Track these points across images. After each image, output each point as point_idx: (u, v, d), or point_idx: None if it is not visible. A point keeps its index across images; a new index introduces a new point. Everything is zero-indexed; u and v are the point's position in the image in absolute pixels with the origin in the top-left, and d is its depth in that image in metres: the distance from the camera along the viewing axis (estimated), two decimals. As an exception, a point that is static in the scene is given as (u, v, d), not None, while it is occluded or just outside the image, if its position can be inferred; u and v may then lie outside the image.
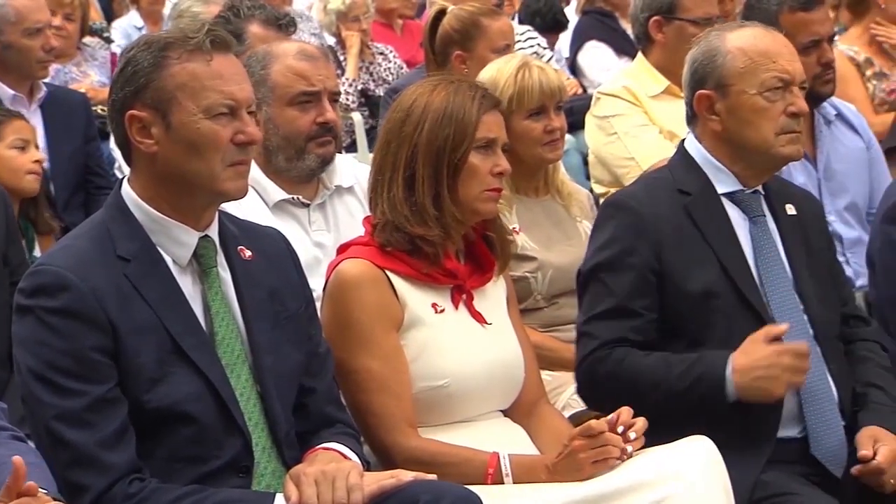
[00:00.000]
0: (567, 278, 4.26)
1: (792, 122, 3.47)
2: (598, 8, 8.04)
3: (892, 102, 6.28)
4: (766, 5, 4.61)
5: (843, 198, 4.71)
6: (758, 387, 3.32)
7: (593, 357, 3.44)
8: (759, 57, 3.47)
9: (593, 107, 5.23)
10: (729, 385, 3.33)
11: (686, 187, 3.51)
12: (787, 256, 3.53)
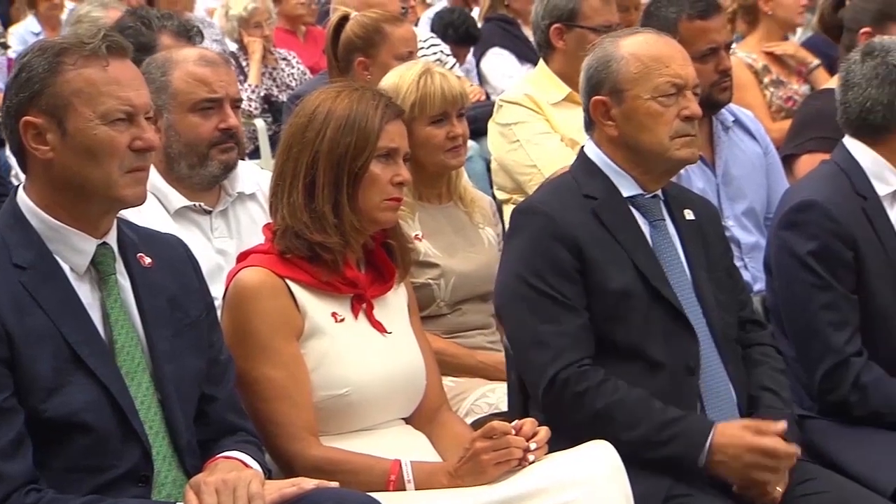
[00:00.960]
0: (470, 285, 4.29)
1: (686, 125, 3.51)
2: (500, 15, 8.08)
3: (789, 110, 6.39)
4: (664, 13, 4.66)
5: (741, 203, 4.76)
6: (728, 473, 3.36)
7: (562, 375, 3.40)
8: (652, 62, 3.50)
9: (495, 114, 5.25)
10: (703, 455, 3.36)
11: (592, 192, 3.54)
12: (687, 261, 3.56)
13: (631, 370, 3.43)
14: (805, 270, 3.75)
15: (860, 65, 3.89)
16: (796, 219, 3.80)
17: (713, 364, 3.50)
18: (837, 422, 3.75)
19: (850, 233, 3.75)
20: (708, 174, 4.71)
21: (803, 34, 9.20)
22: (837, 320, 3.73)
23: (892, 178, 3.86)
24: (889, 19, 4.85)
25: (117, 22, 5.01)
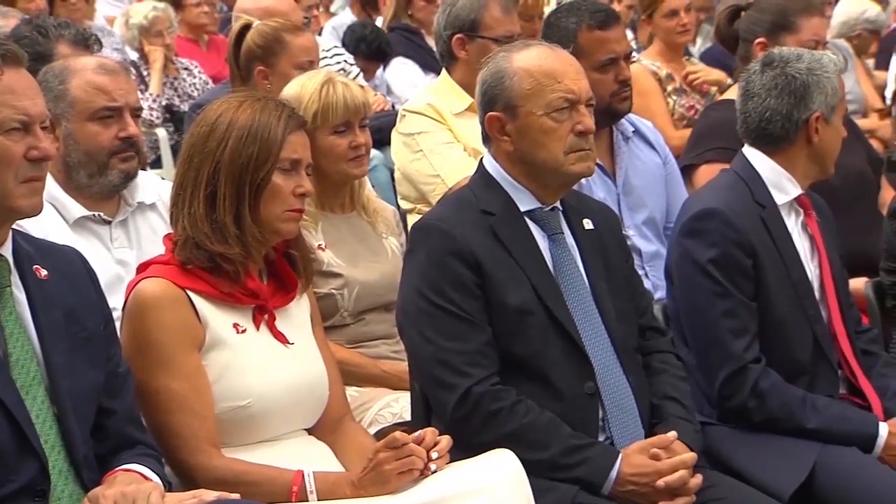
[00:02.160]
0: (374, 294, 4.28)
1: (580, 140, 3.52)
2: (404, 25, 8.08)
3: (691, 118, 6.46)
4: (564, 24, 4.67)
5: (641, 212, 4.80)
6: (636, 498, 3.41)
7: (474, 392, 3.41)
8: (545, 78, 3.51)
9: (399, 124, 5.26)
10: (608, 483, 3.40)
11: (489, 207, 3.54)
12: (586, 272, 3.59)
13: (532, 389, 3.45)
14: (705, 278, 3.79)
15: (760, 75, 3.94)
16: (697, 227, 3.84)
17: (615, 376, 3.53)
18: (736, 428, 3.79)
19: (749, 241, 3.80)
20: (608, 184, 4.75)
21: (703, 44, 9.35)
22: (737, 327, 3.77)
23: (790, 187, 3.92)
24: (783, 30, 4.92)
25: (13, 31, 4.94)
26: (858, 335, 4.02)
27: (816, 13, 5.01)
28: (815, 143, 3.90)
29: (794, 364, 3.82)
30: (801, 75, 3.89)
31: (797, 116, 3.89)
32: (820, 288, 3.92)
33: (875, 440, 3.75)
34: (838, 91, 3.91)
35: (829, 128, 3.91)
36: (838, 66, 3.95)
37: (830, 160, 3.96)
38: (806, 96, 3.88)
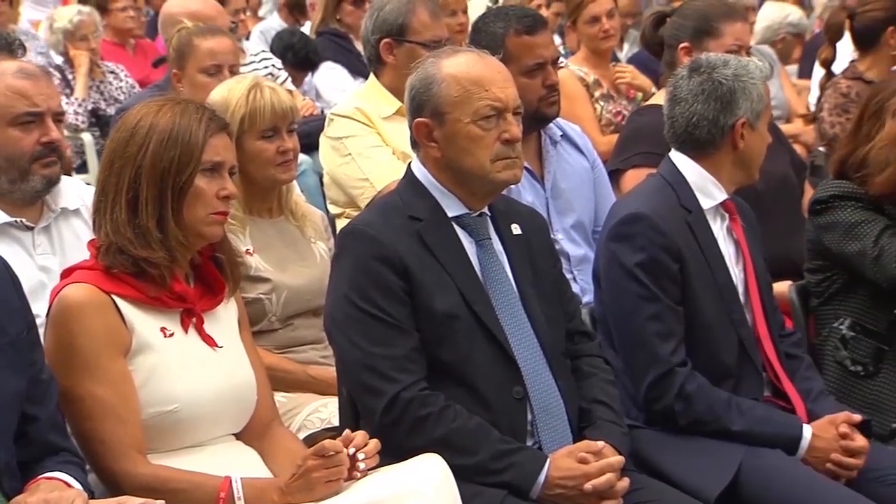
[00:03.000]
0: (302, 300, 4.27)
1: (507, 148, 3.52)
2: (332, 29, 8.06)
3: (618, 124, 6.49)
4: (492, 29, 4.68)
5: (569, 216, 4.81)
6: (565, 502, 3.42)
7: (403, 397, 3.41)
8: (472, 85, 3.50)
9: (327, 128, 5.24)
10: (536, 487, 3.40)
11: (416, 213, 3.54)
12: (514, 277, 3.59)
13: (460, 394, 3.46)
14: (632, 282, 3.81)
15: (687, 80, 3.97)
16: (624, 231, 3.86)
17: (543, 380, 3.54)
18: (663, 431, 3.81)
19: (675, 245, 3.82)
20: (537, 188, 4.76)
21: (630, 50, 9.41)
22: (663, 331, 3.79)
23: (716, 192, 3.95)
24: (706, 35, 4.96)
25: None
26: (782, 339, 4.06)
27: (739, 18, 5.06)
28: (740, 148, 3.93)
29: (719, 367, 3.85)
30: (728, 81, 3.92)
31: (723, 122, 3.92)
32: (745, 292, 3.95)
33: (799, 442, 3.78)
34: (764, 97, 3.94)
35: (754, 134, 3.94)
36: (764, 72, 3.98)
37: (756, 165, 3.99)
38: (732, 102, 3.91)
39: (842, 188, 4.15)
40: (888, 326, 4.11)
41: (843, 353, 4.14)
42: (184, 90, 5.16)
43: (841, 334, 4.14)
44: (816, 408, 3.91)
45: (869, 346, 4.13)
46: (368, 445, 3.21)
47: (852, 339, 4.13)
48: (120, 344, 3.27)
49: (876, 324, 4.12)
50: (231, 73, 5.18)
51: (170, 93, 5.22)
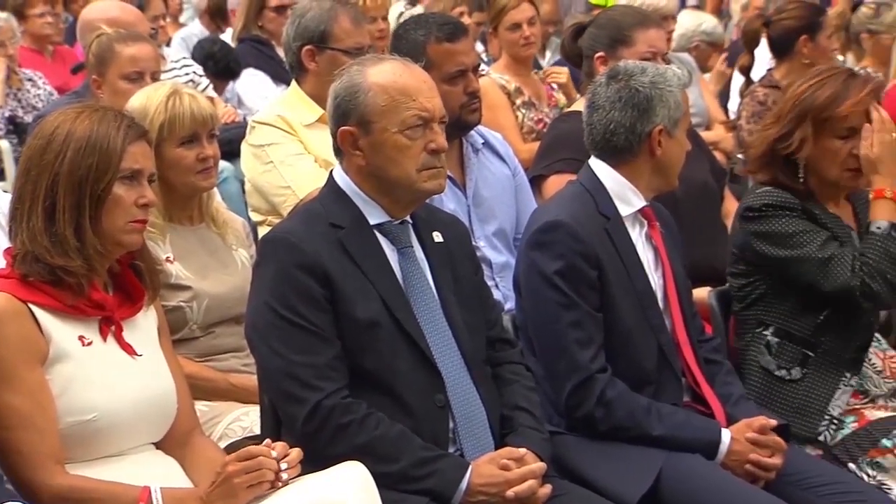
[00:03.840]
0: (224, 307, 4.25)
1: (433, 158, 3.53)
2: (254, 36, 8.02)
3: (540, 131, 6.52)
4: (413, 36, 4.69)
5: (491, 224, 4.83)
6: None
7: (324, 405, 3.40)
8: (399, 95, 3.51)
9: (248, 135, 5.22)
10: (458, 494, 3.41)
11: (338, 220, 3.54)
12: (436, 284, 3.60)
13: (382, 402, 3.46)
14: (552, 289, 3.82)
15: (605, 88, 3.99)
16: (543, 239, 3.87)
17: (465, 389, 3.55)
18: (584, 437, 3.83)
19: (594, 252, 3.84)
20: (459, 195, 4.77)
21: (552, 57, 9.46)
22: (583, 338, 3.81)
23: (634, 199, 3.97)
24: (620, 44, 5.01)
25: None
26: (702, 344, 4.09)
27: (652, 25, 5.11)
28: (657, 155, 3.96)
29: (639, 373, 3.87)
30: (645, 89, 3.94)
31: (640, 129, 3.94)
32: (664, 298, 3.97)
33: (718, 446, 3.82)
34: (681, 105, 3.96)
35: (672, 141, 3.96)
36: (682, 80, 4.01)
37: (674, 173, 4.01)
38: (649, 110, 3.94)
39: (774, 197, 4.15)
40: (813, 332, 4.15)
41: (767, 357, 4.17)
42: (104, 97, 5.12)
43: (766, 340, 4.18)
44: (736, 412, 3.94)
45: (794, 351, 4.16)
46: (291, 454, 3.20)
47: (777, 345, 4.17)
48: (37, 353, 3.23)
49: (801, 329, 4.16)
50: (152, 79, 5.14)
51: (89, 99, 5.18)
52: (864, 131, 4.12)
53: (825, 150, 4.14)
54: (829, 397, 4.10)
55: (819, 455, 4.06)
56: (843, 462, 4.01)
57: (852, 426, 4.06)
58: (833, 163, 4.14)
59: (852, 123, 4.11)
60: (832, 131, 4.12)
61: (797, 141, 4.14)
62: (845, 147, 4.12)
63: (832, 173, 4.15)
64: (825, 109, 4.11)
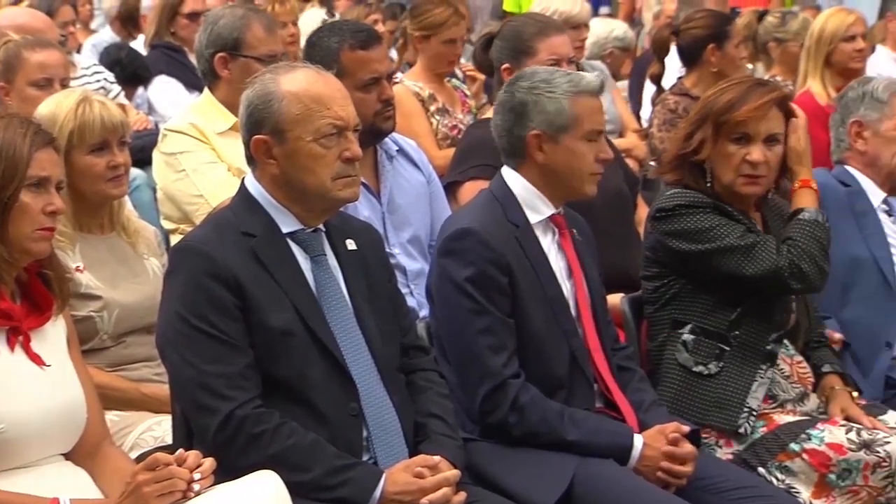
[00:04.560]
0: (135, 317, 4.21)
1: (347, 167, 3.53)
2: (166, 43, 7.97)
3: (454, 138, 6.54)
4: (326, 43, 4.67)
5: (406, 231, 4.83)
6: None
7: (237, 415, 3.38)
8: (314, 103, 3.50)
9: (160, 143, 5.18)
10: (372, 502, 3.40)
11: (250, 229, 3.52)
12: (349, 292, 3.59)
13: (295, 411, 3.45)
14: (463, 296, 3.84)
15: (502, 94, 4.05)
16: (453, 246, 3.89)
17: (379, 397, 3.54)
18: (498, 443, 3.84)
19: (504, 259, 3.85)
20: (373, 203, 4.77)
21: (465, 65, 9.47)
22: (495, 344, 3.82)
23: (542, 207, 3.99)
24: (522, 54, 5.05)
25: None
26: (616, 352, 4.12)
27: (552, 33, 5.15)
28: (541, 161, 3.96)
29: (551, 379, 3.89)
30: (521, 94, 3.97)
31: (516, 133, 3.97)
32: (576, 305, 3.99)
33: (630, 452, 3.85)
34: (570, 111, 3.93)
35: (557, 147, 3.95)
36: (579, 87, 3.96)
37: (573, 180, 3.98)
38: (524, 114, 3.96)
39: (687, 197, 4.19)
40: (728, 327, 4.19)
41: (685, 355, 4.20)
42: (12, 104, 5.05)
43: (682, 339, 4.21)
44: (648, 418, 3.97)
45: (710, 346, 4.20)
46: (203, 465, 3.17)
47: (693, 342, 4.20)
48: (-57, 364, 3.19)
49: (716, 325, 4.19)
50: (62, 86, 5.09)
51: (-4, 107, 5.11)
52: (791, 125, 4.20)
53: (721, 154, 4.19)
54: (746, 390, 4.14)
55: (730, 458, 4.10)
56: (753, 466, 4.05)
57: (762, 430, 4.11)
58: (728, 167, 4.19)
59: (747, 130, 4.17)
60: (728, 135, 4.18)
61: (697, 142, 4.20)
62: (739, 152, 4.18)
63: (727, 177, 4.20)
64: (724, 113, 4.17)
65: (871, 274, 4.73)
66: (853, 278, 4.73)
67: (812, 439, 4.03)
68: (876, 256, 4.74)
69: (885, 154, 4.91)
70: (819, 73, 6.82)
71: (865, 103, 4.96)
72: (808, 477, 4.02)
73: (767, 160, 4.18)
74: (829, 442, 4.02)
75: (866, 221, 4.82)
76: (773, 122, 4.19)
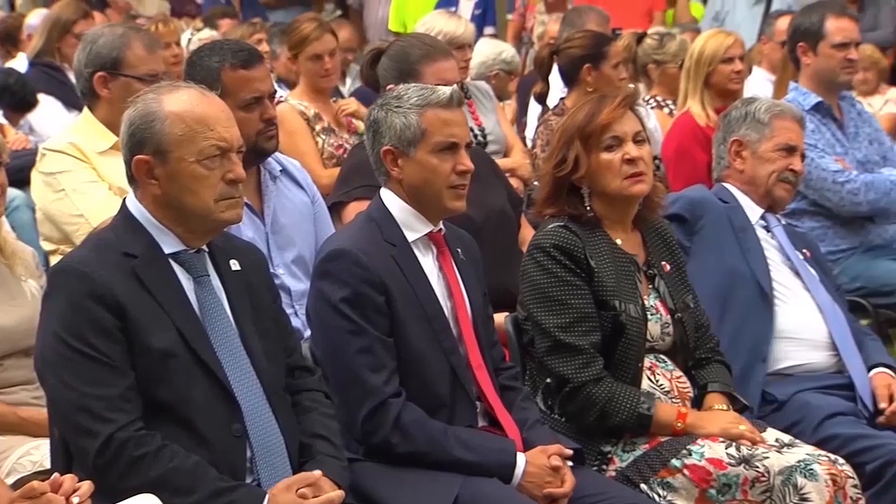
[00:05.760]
0: (12, 339, 4.16)
1: (230, 188, 3.51)
2: (45, 61, 7.88)
3: (340, 157, 6.53)
4: (207, 63, 4.64)
5: (290, 251, 4.81)
6: None
7: (117, 437, 3.34)
8: (197, 124, 3.48)
9: (39, 163, 5.12)
10: None
11: (131, 250, 3.49)
12: (233, 313, 3.58)
13: (178, 434, 3.42)
14: (339, 317, 3.83)
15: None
16: (328, 268, 3.89)
17: (264, 418, 3.53)
18: (382, 463, 3.84)
19: (380, 279, 3.86)
20: (257, 223, 4.74)
21: (352, 84, 9.50)
22: (374, 363, 3.82)
23: (419, 225, 3.99)
24: (408, 76, 5.05)
25: None
26: (501, 371, 4.13)
27: (439, 57, 5.16)
28: (399, 177, 3.98)
29: (433, 397, 3.89)
30: (374, 111, 4.02)
31: (375, 151, 4.01)
32: (456, 323, 4.00)
33: (514, 470, 3.86)
34: (417, 125, 3.94)
35: (410, 161, 3.96)
36: (427, 100, 3.97)
37: (432, 193, 3.97)
38: (377, 132, 3.99)
39: (562, 240, 4.22)
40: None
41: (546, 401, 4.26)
42: None
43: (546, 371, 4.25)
44: (532, 436, 3.99)
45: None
46: (82, 488, 3.14)
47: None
48: None
49: None
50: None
51: None
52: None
53: (599, 166, 4.24)
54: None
55: (613, 475, 4.13)
56: (636, 483, 4.08)
57: (643, 447, 4.15)
58: (611, 174, 4.24)
59: (615, 132, 4.24)
60: (598, 145, 4.24)
61: (571, 162, 4.24)
62: (616, 157, 4.24)
63: (613, 185, 4.25)
64: (587, 125, 4.24)
65: (749, 288, 4.80)
66: (732, 292, 4.80)
67: (693, 455, 4.08)
68: (753, 271, 4.82)
69: (762, 174, 4.99)
70: (698, 94, 6.93)
71: (747, 123, 5.05)
72: (689, 492, 4.06)
73: (643, 156, 4.24)
74: (708, 457, 4.07)
75: (745, 237, 4.90)
76: (633, 121, 4.28)
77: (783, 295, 4.82)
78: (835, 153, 6.13)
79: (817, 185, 6.05)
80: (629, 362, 4.20)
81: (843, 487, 4.03)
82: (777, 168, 4.98)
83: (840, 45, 6.19)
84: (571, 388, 4.15)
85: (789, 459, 4.05)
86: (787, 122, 5.02)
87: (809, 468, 4.01)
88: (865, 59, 8.76)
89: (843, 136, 6.23)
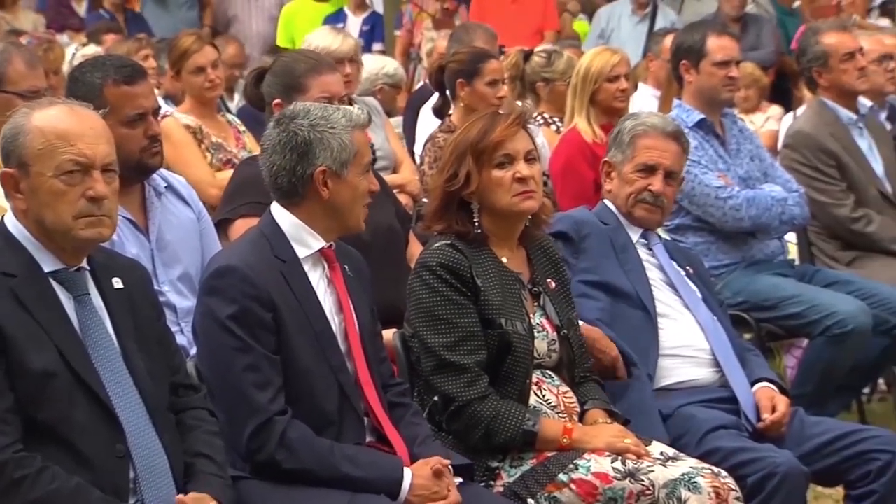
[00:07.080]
0: None
1: (92, 206, 3.48)
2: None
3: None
4: (89, 79, 4.57)
5: (176, 268, 4.76)
6: None
7: None
8: (58, 139, 3.46)
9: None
10: None
11: (9, 269, 3.45)
12: (116, 332, 3.55)
13: (59, 455, 3.38)
14: (226, 334, 3.81)
15: (271, 131, 4.03)
16: (215, 284, 3.87)
17: (147, 438, 3.50)
18: (269, 481, 3.81)
19: (268, 295, 3.84)
20: (142, 240, 4.69)
21: (240, 100, 9.45)
22: (260, 381, 3.80)
23: (311, 241, 3.99)
24: (293, 91, 5.04)
25: None
26: (390, 388, 4.13)
27: (325, 71, 5.16)
28: (327, 197, 3.98)
29: (321, 414, 3.88)
30: (303, 131, 3.97)
31: (301, 171, 3.97)
32: (345, 339, 3.99)
33: (401, 485, 3.86)
34: (350, 146, 3.97)
35: (341, 182, 3.98)
36: (354, 121, 4.01)
37: (351, 214, 4.02)
38: (308, 152, 3.96)
39: (448, 259, 4.22)
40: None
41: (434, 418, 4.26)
42: None
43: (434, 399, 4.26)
44: (422, 452, 3.99)
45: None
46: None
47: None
48: None
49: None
50: None
51: None
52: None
53: (490, 182, 4.27)
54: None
55: (500, 491, 4.14)
56: (523, 498, 4.10)
57: (530, 462, 4.16)
58: (501, 191, 4.26)
59: (507, 150, 4.26)
60: (490, 162, 4.26)
61: (463, 178, 4.26)
62: (507, 175, 4.26)
63: (503, 202, 4.27)
64: (479, 141, 4.26)
65: (634, 307, 4.84)
66: (618, 310, 4.83)
67: (579, 469, 4.11)
68: (637, 290, 4.86)
69: (622, 196, 5.00)
70: (585, 111, 7.00)
71: (616, 144, 5.06)
72: (577, 507, 4.09)
73: (533, 175, 4.27)
74: (595, 471, 4.09)
75: (626, 256, 4.92)
76: (526, 140, 4.31)
77: (666, 313, 4.87)
78: (717, 169, 6.21)
79: (700, 200, 6.12)
80: (517, 379, 4.22)
81: (726, 500, 4.08)
82: (634, 190, 4.95)
83: (721, 63, 6.27)
84: (456, 406, 4.16)
85: (674, 473, 4.09)
86: (651, 140, 4.98)
87: (693, 481, 4.06)
88: (747, 76, 8.93)
89: (726, 152, 6.32)
